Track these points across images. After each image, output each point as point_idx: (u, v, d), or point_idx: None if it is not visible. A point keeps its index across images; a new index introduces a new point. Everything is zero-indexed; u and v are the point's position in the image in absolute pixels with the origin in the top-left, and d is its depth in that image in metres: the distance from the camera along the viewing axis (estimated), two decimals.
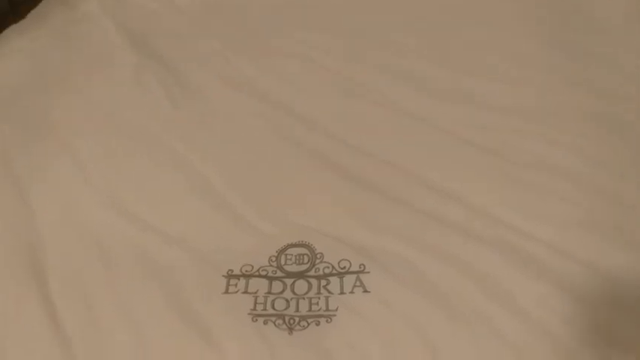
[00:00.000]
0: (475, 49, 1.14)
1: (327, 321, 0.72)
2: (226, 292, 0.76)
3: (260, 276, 0.77)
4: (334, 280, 0.76)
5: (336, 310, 0.72)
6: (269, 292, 0.75)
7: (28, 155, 0.97)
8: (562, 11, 1.24)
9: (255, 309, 0.74)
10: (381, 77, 1.09)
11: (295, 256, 0.79)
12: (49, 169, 0.95)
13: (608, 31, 1.15)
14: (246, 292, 0.75)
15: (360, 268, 0.76)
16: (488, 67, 1.08)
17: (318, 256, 0.79)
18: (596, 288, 0.71)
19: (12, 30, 1.37)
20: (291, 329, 0.72)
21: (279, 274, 0.78)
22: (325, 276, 0.76)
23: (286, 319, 0.73)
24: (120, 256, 0.81)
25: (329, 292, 0.75)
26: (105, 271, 0.79)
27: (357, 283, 0.75)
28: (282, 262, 0.79)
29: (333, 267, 0.77)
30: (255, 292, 0.75)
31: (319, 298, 0.74)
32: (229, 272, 0.78)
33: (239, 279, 0.77)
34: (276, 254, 0.80)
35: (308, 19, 1.32)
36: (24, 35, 1.32)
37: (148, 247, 0.81)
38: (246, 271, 0.78)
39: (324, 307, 0.73)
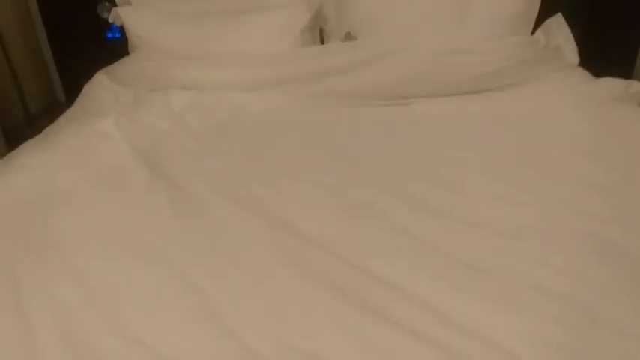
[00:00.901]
0: (469, 172, 1.22)
1: None
2: None
3: None
4: None
5: None
6: None
7: (32, 274, 0.97)
8: (545, 136, 1.34)
9: None
10: (383, 198, 1.13)
11: None
12: (51, 289, 0.93)
13: (588, 155, 1.24)
14: None
15: None
16: (484, 189, 1.14)
17: None
18: None
19: (27, 145, 1.42)
20: None
21: None
22: None
23: None
24: None
25: None
26: None
27: None
28: None
29: None
30: None
31: None
32: None
33: None
34: None
35: (314, 143, 1.40)
36: (38, 152, 1.36)
37: None
38: None
39: None
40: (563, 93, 1.51)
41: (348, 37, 1.80)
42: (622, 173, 1.18)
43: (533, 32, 1.76)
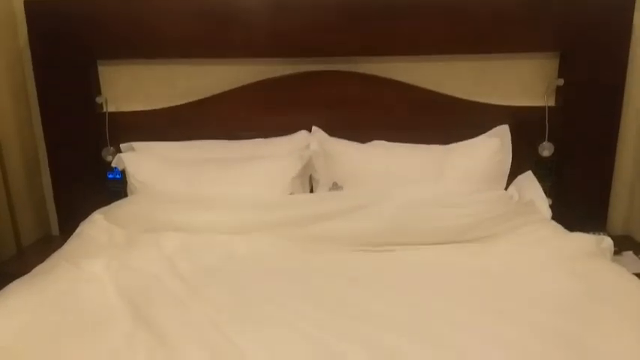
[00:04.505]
0: (446, 325, 1.23)
1: None
2: None
3: None
4: None
5: None
6: None
7: None
8: (521, 291, 1.38)
9: None
10: (359, 350, 1.13)
11: None
12: None
13: (563, 310, 1.27)
14: None
15: None
16: (459, 345, 1.14)
17: None
18: None
19: (14, 286, 1.42)
20: None
21: None
22: None
23: None
24: None
25: None
26: None
27: None
28: None
29: None
30: None
31: None
32: None
33: None
34: None
35: (298, 288, 1.43)
36: (24, 294, 1.35)
37: None
38: None
39: None
40: (538, 247, 1.59)
41: (335, 186, 1.93)
42: (596, 329, 1.19)
43: (507, 187, 1.91)
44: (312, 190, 2.03)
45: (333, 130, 2.07)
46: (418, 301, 1.35)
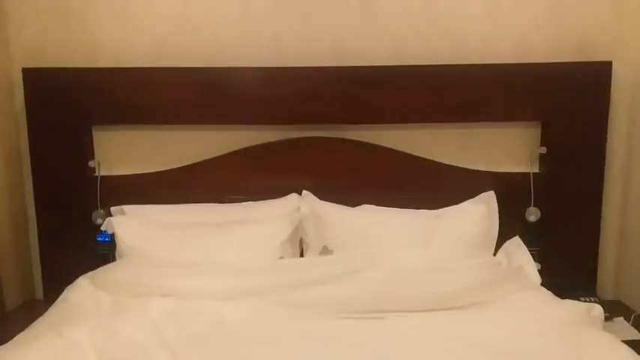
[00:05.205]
0: None
1: None
2: None
3: None
4: None
5: None
6: None
7: None
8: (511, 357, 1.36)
9: None
10: None
11: None
12: None
13: None
14: None
15: None
16: None
17: None
18: None
19: None
20: None
21: None
22: None
23: None
24: None
25: None
26: None
27: None
28: None
29: None
30: None
31: None
32: None
33: None
34: None
35: (285, 357, 1.40)
36: None
37: None
38: None
39: None
40: (528, 315, 1.58)
41: (325, 250, 1.93)
42: None
43: (495, 252, 1.92)
44: (302, 254, 2.03)
45: (323, 195, 2.09)
46: None
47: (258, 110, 2.09)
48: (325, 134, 2.14)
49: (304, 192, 2.10)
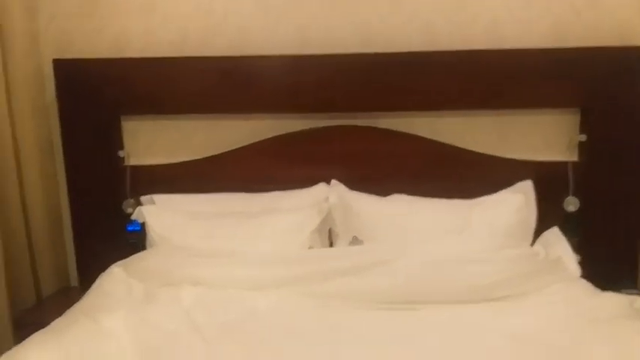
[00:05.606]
0: None
1: None
2: None
3: None
4: None
5: None
6: None
7: None
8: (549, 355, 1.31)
9: None
10: None
11: None
12: None
13: None
14: None
15: None
16: None
17: None
18: None
19: (33, 340, 1.40)
20: None
21: None
22: None
23: None
24: None
25: None
26: None
27: None
28: None
29: None
30: None
31: None
32: None
33: None
34: None
35: (316, 347, 1.38)
36: (46, 347, 1.34)
37: None
38: None
39: None
40: (567, 308, 1.53)
41: (355, 240, 1.90)
42: None
43: (532, 243, 1.86)
44: (331, 244, 2.00)
45: (352, 184, 2.06)
46: None
47: (284, 98, 2.07)
48: (353, 122, 2.10)
49: (333, 181, 2.07)
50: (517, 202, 1.91)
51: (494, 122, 2.10)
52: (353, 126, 2.10)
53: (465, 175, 2.06)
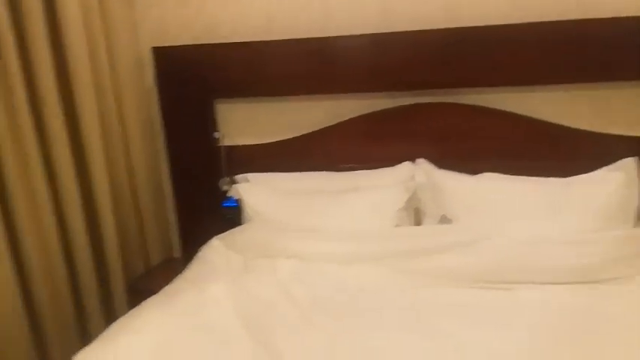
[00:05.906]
0: None
1: None
2: None
3: None
4: None
5: None
6: None
7: None
8: None
9: None
10: None
11: None
12: None
13: None
14: None
15: None
16: None
17: None
18: None
19: (147, 304, 1.56)
20: None
21: None
22: None
23: None
24: None
25: None
26: None
27: None
28: None
29: None
30: None
31: None
32: None
33: None
34: None
35: (411, 324, 1.41)
36: (156, 313, 1.49)
37: None
38: None
39: None
40: None
41: (444, 219, 1.90)
42: None
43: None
44: (417, 224, 2.01)
45: (438, 162, 2.05)
46: (539, 344, 1.28)
47: (367, 77, 2.09)
48: (438, 99, 2.08)
49: (419, 160, 2.07)
50: (618, 180, 1.80)
51: (591, 97, 1.99)
52: (438, 103, 2.08)
53: (560, 152, 1.98)
